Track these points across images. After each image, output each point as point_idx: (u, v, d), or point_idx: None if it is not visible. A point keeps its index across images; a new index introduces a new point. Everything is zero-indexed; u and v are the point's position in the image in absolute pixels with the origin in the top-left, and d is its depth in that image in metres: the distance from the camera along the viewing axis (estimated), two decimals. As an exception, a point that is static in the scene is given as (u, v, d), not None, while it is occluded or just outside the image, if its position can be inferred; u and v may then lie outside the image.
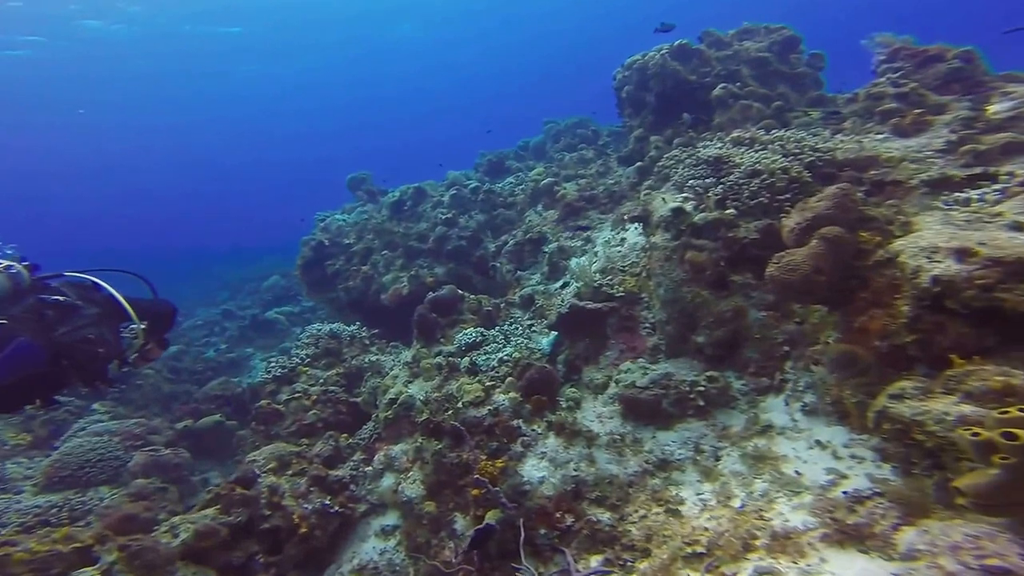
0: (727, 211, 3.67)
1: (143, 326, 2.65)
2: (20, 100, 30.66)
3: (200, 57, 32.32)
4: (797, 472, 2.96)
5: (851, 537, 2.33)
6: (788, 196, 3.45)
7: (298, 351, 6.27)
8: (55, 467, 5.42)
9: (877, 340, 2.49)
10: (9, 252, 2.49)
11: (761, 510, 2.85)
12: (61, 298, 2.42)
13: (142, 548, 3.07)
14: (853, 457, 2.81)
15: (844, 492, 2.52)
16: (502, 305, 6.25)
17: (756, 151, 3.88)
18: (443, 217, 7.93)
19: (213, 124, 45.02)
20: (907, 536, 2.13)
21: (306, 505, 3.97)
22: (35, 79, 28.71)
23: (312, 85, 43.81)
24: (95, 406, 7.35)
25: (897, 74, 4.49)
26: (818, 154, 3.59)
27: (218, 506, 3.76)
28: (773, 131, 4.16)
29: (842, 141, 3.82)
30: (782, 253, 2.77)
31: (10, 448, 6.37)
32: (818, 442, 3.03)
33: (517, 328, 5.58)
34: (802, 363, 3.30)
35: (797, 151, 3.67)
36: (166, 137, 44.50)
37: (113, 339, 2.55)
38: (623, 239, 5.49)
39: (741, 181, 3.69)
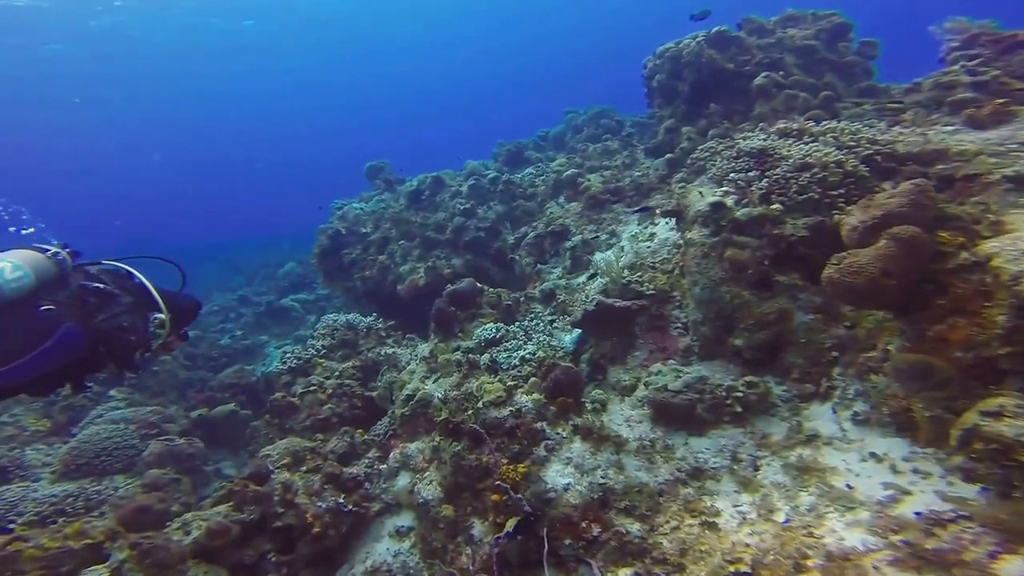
0: (773, 206, 3.41)
1: (169, 317, 2.69)
2: (27, 98, 31.10)
3: (213, 51, 32.54)
4: (848, 486, 2.71)
5: (931, 563, 2.08)
6: (842, 191, 3.17)
7: (314, 342, 6.16)
8: (72, 455, 5.41)
9: (959, 351, 2.24)
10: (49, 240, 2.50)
11: (810, 526, 2.61)
12: (101, 285, 2.46)
13: (153, 546, 2.97)
14: (916, 472, 2.56)
15: (917, 513, 2.27)
16: (522, 299, 6.06)
17: (806, 143, 3.59)
18: (461, 207, 7.74)
19: (213, 120, 45.68)
20: (1012, 566, 1.88)
21: (320, 503, 3.85)
22: (42, 77, 29.04)
23: (316, 83, 44.25)
24: (112, 392, 7.37)
25: (974, 61, 4.10)
26: (876, 147, 3.29)
27: (231, 503, 3.65)
28: (824, 122, 3.86)
29: (901, 133, 3.51)
30: (843, 254, 2.51)
31: (30, 434, 6.40)
32: (872, 454, 2.78)
33: (538, 324, 5.39)
34: (853, 370, 3.05)
35: (853, 144, 3.38)
36: (167, 133, 45.28)
37: (143, 328, 2.60)
38: (652, 234, 5.24)
39: (789, 175, 3.42)
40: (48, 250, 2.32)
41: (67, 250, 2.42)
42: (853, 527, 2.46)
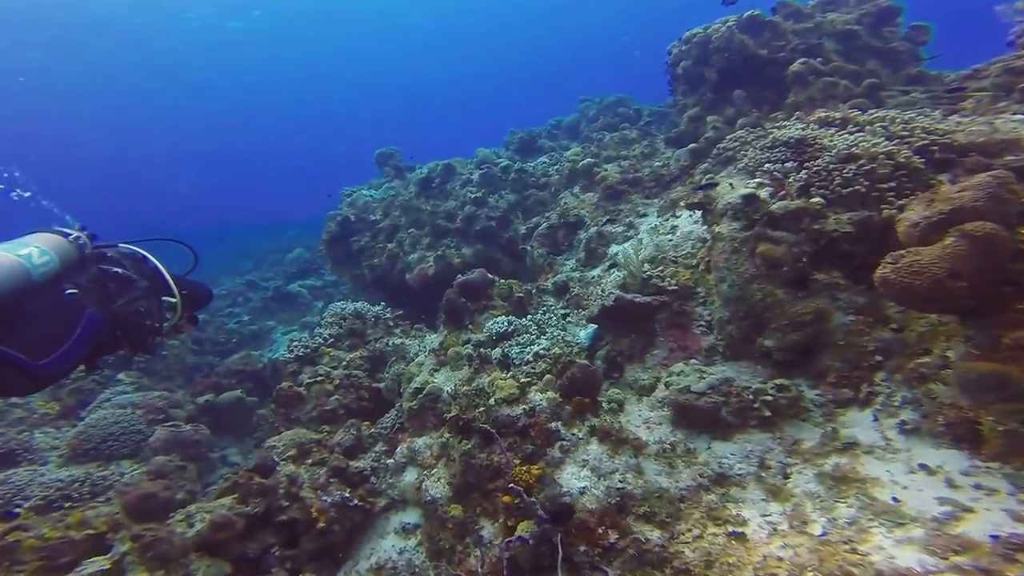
0: (813, 200, 3.17)
1: (181, 302, 2.72)
2: (31, 94, 31.09)
3: (218, 46, 32.52)
4: (895, 499, 2.50)
5: (1022, 596, 1.88)
6: (893, 185, 2.93)
7: (321, 331, 6.04)
8: (79, 439, 5.36)
9: (1043, 361, 2.03)
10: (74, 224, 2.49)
11: (851, 541, 2.40)
12: (120, 271, 2.47)
13: (155, 539, 2.86)
14: (978, 488, 2.34)
15: (993, 536, 2.05)
16: (534, 291, 5.88)
17: (851, 133, 3.34)
18: (472, 196, 7.54)
19: (209, 115, 45.80)
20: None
21: (325, 498, 3.73)
22: (45, 74, 28.98)
23: (321, 76, 44.43)
24: (120, 376, 7.33)
25: (1053, 45, 3.76)
26: (932, 137, 3.04)
27: (235, 495, 3.55)
28: (871, 111, 3.59)
29: (960, 123, 3.25)
30: (900, 252, 2.29)
31: (39, 416, 6.37)
32: (923, 466, 2.56)
33: (551, 318, 5.20)
34: (900, 376, 2.82)
35: (905, 133, 3.12)
36: (166, 128, 45.62)
37: (157, 312, 2.62)
38: (674, 227, 5.01)
39: (832, 166, 3.17)
40: (70, 234, 2.31)
41: (86, 233, 2.41)
42: (904, 545, 2.25)
